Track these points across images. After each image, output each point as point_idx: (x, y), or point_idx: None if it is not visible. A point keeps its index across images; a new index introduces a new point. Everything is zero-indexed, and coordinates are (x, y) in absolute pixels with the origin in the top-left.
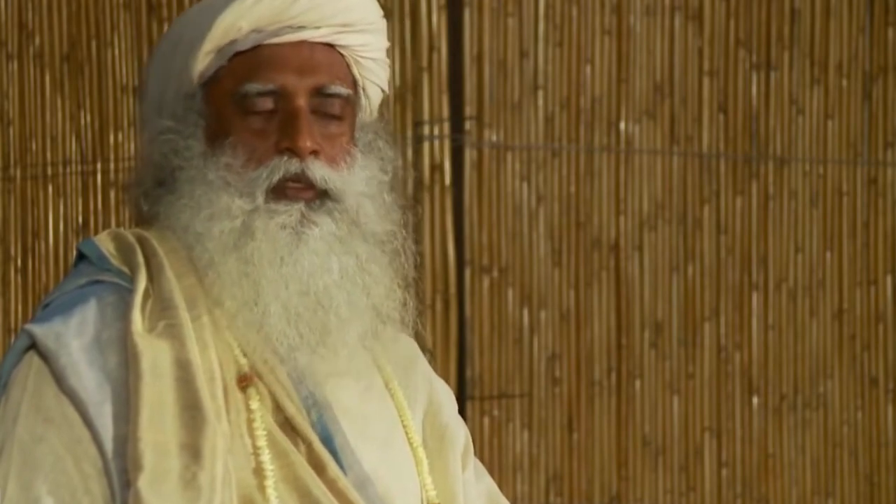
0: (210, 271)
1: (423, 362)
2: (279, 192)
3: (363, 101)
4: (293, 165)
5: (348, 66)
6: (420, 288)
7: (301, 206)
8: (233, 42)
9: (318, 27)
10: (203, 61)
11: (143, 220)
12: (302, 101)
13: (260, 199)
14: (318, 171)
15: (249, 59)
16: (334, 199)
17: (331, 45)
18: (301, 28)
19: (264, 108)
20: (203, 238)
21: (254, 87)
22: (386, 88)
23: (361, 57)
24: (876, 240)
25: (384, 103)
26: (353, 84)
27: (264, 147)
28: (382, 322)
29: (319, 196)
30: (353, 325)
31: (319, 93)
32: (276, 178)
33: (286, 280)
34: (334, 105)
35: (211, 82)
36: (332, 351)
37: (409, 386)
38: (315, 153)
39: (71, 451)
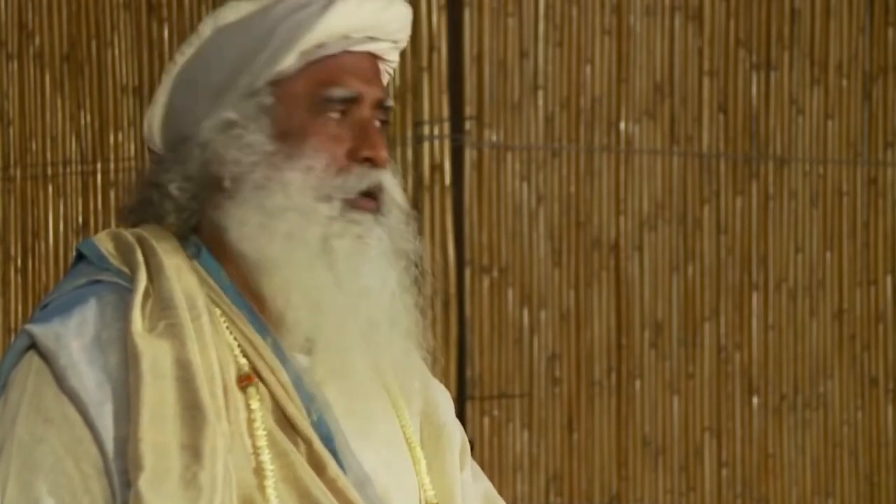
0: (279, 272)
1: (419, 362)
2: (353, 202)
3: None
4: (374, 176)
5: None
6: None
7: (371, 217)
8: (322, 45)
9: (385, 40)
10: (289, 60)
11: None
12: (368, 112)
13: (338, 208)
14: (391, 184)
15: (332, 63)
16: (384, 213)
17: (379, 58)
18: (375, 39)
19: (337, 115)
20: (278, 238)
21: (338, 92)
22: None
23: (388, 71)
24: (876, 240)
25: None
26: None
27: (341, 153)
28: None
29: (378, 209)
30: (397, 342)
31: (379, 105)
32: (362, 186)
33: (356, 292)
34: (383, 118)
35: (284, 82)
36: (353, 369)
37: (407, 385)
38: (385, 164)
39: (71, 451)
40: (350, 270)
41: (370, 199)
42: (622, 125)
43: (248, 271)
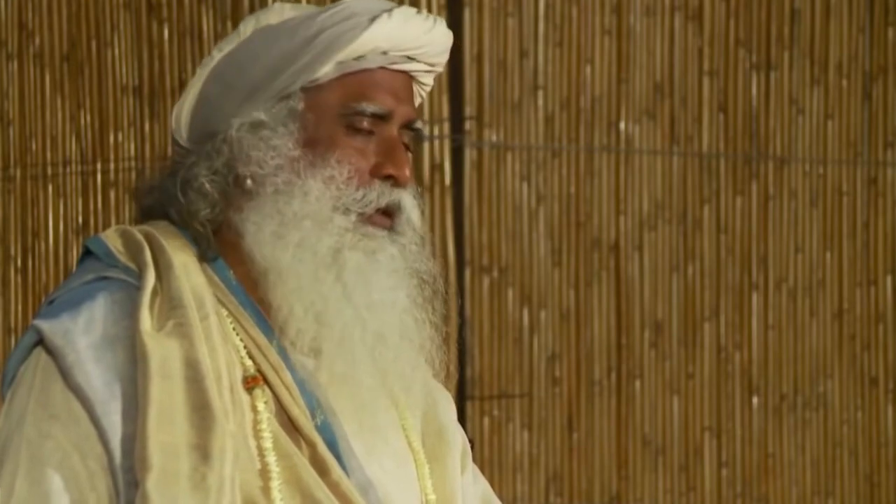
0: (288, 279)
1: (422, 365)
2: (369, 217)
3: None
4: (395, 194)
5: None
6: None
7: (385, 234)
8: (361, 58)
9: (422, 61)
10: (326, 69)
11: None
12: (396, 130)
13: (354, 221)
14: (409, 204)
15: (367, 77)
16: (399, 232)
17: (413, 79)
18: (413, 60)
19: (365, 129)
20: (290, 246)
21: (370, 107)
22: None
23: (421, 94)
24: (876, 240)
25: None
26: None
27: (366, 168)
28: (429, 358)
29: (392, 227)
30: (406, 356)
31: (408, 125)
32: (381, 203)
33: (365, 306)
34: (412, 138)
35: (317, 89)
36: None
37: (409, 389)
38: (407, 184)
39: (78, 447)
40: (359, 284)
41: (386, 216)
42: (622, 125)
43: (257, 277)
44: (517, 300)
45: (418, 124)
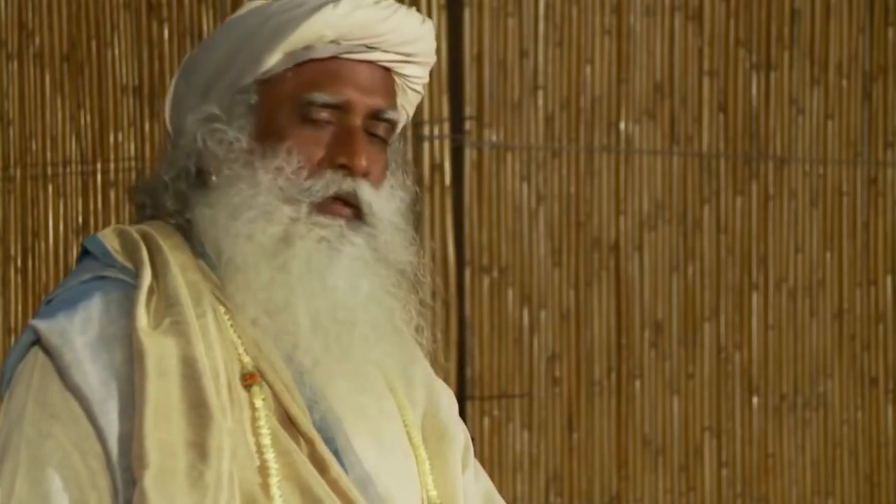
0: (238, 273)
1: (423, 361)
2: (323, 206)
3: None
4: (347, 184)
5: (397, 92)
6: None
7: (342, 222)
8: (309, 48)
9: (388, 51)
10: (273, 59)
11: (151, 213)
12: (359, 121)
13: (305, 210)
14: (367, 193)
15: (321, 68)
16: (368, 223)
17: (389, 70)
18: (374, 49)
19: (322, 119)
20: (240, 239)
21: (321, 97)
22: (411, 116)
23: (410, 87)
24: (876, 240)
25: None
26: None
27: (317, 158)
28: (404, 346)
29: (358, 216)
30: (377, 345)
31: (375, 115)
32: (329, 192)
33: (317, 293)
34: (381, 129)
35: (271, 81)
36: (354, 369)
37: (410, 385)
38: (366, 174)
39: (78, 446)
40: (309, 271)
41: (346, 205)
42: (622, 125)
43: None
44: (517, 300)
45: (389, 115)
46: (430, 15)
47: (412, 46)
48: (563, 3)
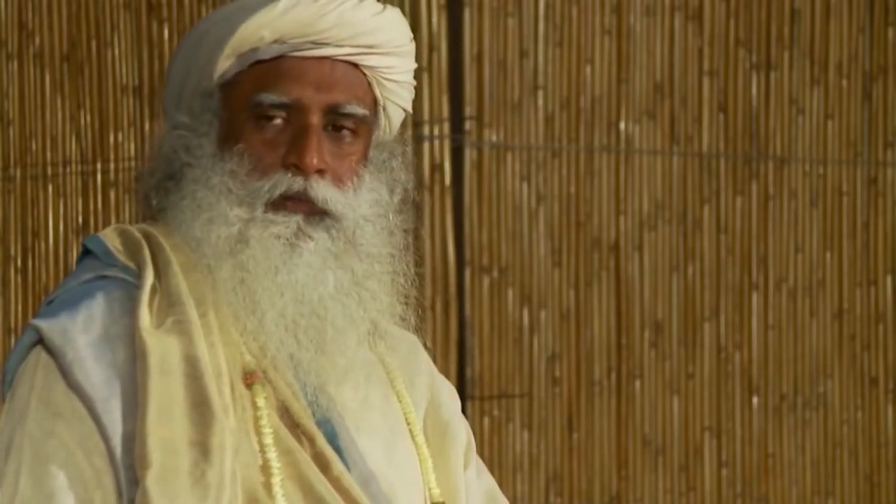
0: (209, 275)
1: (426, 359)
2: (278, 205)
3: (382, 120)
4: (296, 183)
5: (370, 85)
6: (420, 288)
7: (299, 218)
8: (254, 50)
9: (341, 45)
10: (224, 63)
11: (150, 214)
12: (315, 118)
13: (259, 210)
14: (321, 191)
15: (269, 68)
16: (333, 218)
17: (354, 64)
18: (324, 44)
19: (277, 120)
20: (201, 242)
21: (268, 97)
22: (409, 108)
23: (385, 78)
24: (876, 240)
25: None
26: (374, 103)
27: (271, 158)
28: (380, 337)
29: (318, 212)
30: (349, 334)
31: (334, 111)
32: (277, 192)
33: (281, 289)
34: (348, 124)
35: (229, 85)
36: (331, 359)
37: (413, 383)
38: (321, 172)
39: (82, 445)
40: (268, 269)
41: (299, 202)
42: (622, 125)
43: None
44: (517, 300)
45: (351, 108)
46: (430, 15)
47: (370, 38)
48: (563, 3)
